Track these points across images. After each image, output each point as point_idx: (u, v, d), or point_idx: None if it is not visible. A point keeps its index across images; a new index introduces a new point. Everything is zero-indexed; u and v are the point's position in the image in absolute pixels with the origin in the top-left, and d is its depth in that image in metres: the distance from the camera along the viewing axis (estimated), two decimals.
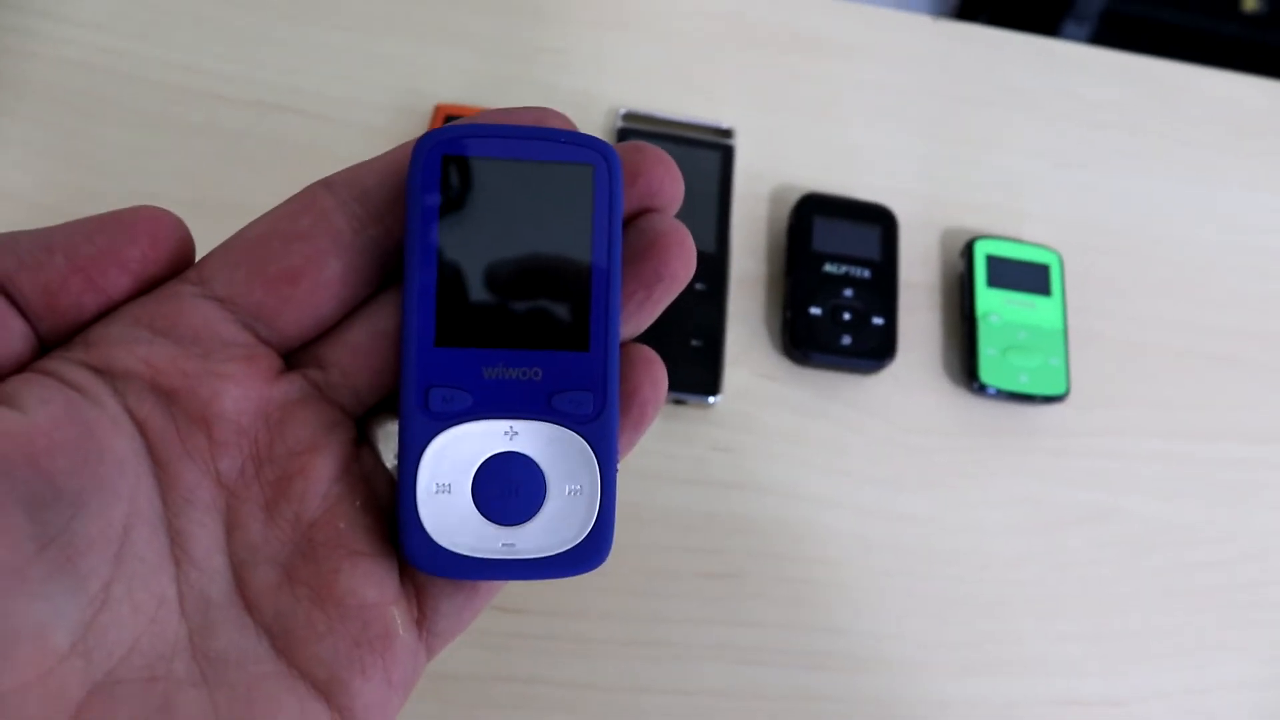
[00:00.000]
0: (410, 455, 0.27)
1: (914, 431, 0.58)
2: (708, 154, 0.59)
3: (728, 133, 0.61)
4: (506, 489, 0.29)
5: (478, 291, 0.29)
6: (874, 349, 0.57)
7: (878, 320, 0.57)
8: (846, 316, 0.57)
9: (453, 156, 0.28)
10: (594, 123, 0.61)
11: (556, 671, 0.51)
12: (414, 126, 0.58)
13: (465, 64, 0.61)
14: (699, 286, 0.56)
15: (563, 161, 0.29)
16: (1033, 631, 0.55)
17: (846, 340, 0.56)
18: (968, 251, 0.60)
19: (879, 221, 0.59)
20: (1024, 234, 0.63)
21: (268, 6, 0.60)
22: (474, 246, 0.29)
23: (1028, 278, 0.60)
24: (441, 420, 0.28)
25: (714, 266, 0.57)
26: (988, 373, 0.57)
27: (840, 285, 0.57)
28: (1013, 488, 0.58)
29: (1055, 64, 0.69)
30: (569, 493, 0.30)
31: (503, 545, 0.29)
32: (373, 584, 0.25)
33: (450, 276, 0.28)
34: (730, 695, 0.52)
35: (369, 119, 0.59)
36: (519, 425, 0.29)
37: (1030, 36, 0.70)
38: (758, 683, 0.52)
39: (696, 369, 0.55)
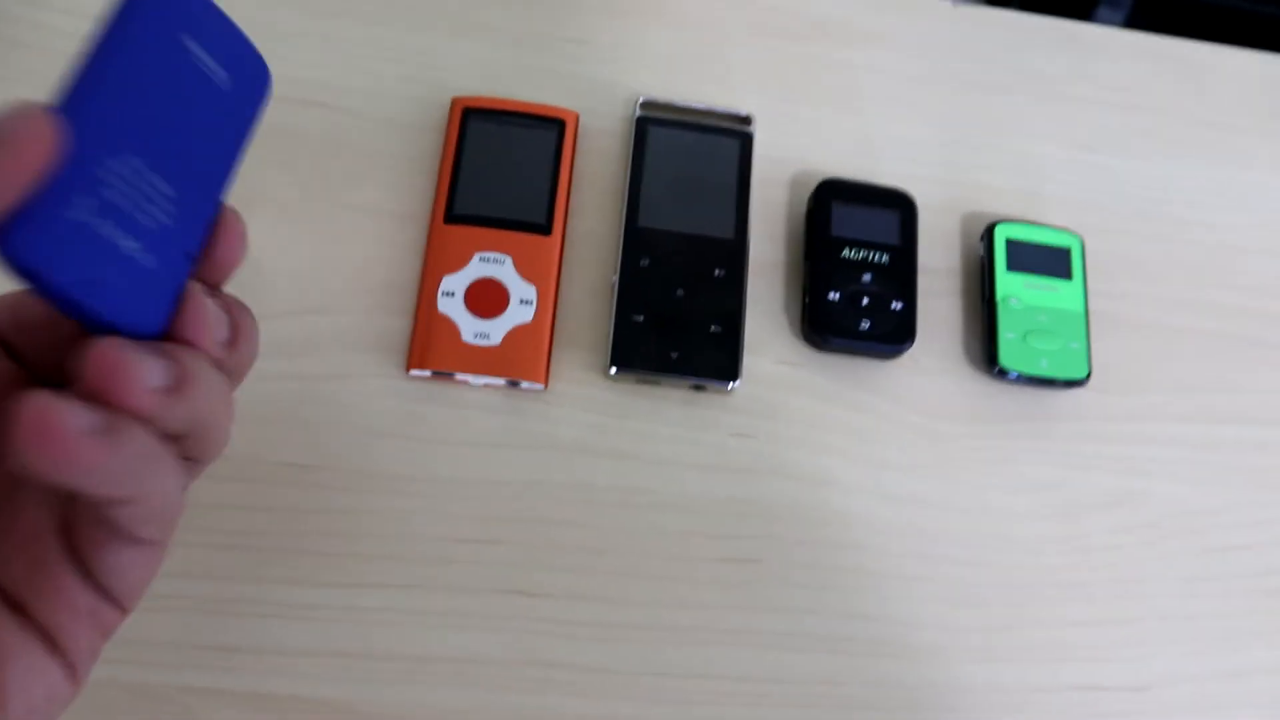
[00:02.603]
0: None
1: (934, 416, 0.58)
2: (727, 141, 0.60)
3: (747, 119, 0.61)
4: None
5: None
6: (892, 333, 0.57)
7: (896, 305, 0.57)
8: (865, 301, 0.57)
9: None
10: (613, 112, 0.61)
11: (578, 656, 0.51)
12: (433, 118, 0.59)
13: (486, 55, 0.61)
14: (718, 273, 0.57)
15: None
16: (1055, 617, 0.55)
17: (865, 325, 0.56)
18: (988, 235, 0.60)
19: (898, 206, 0.59)
20: (1045, 218, 0.63)
21: (290, 2, 0.61)
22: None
23: (1048, 261, 0.60)
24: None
25: (733, 253, 0.57)
26: (1008, 357, 0.57)
27: (859, 270, 0.57)
28: (1034, 472, 0.58)
29: (1076, 47, 0.69)
30: None
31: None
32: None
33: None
34: (751, 680, 0.52)
35: (390, 112, 0.59)
36: None
37: (1051, 19, 0.69)
38: (779, 667, 0.53)
39: (716, 355, 0.55)
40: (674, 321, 0.55)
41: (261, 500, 0.52)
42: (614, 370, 0.54)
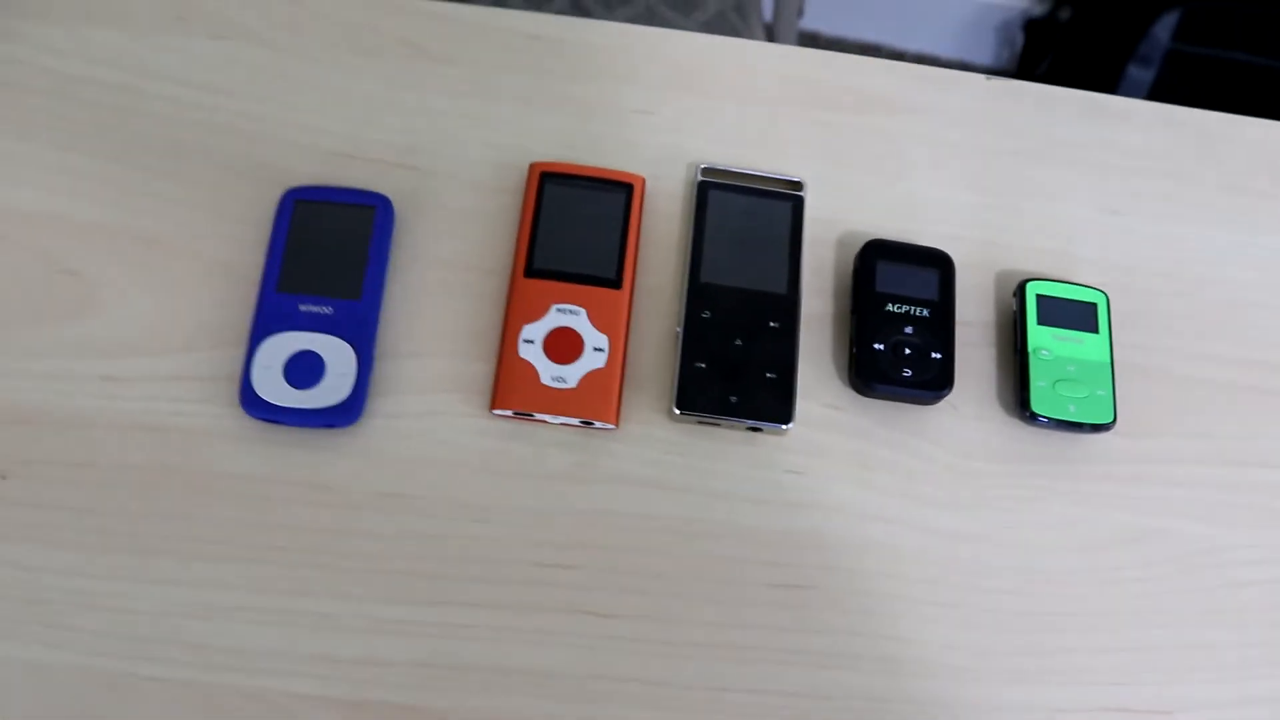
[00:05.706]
0: (251, 347, 0.57)
1: (970, 457, 0.63)
2: (781, 204, 0.65)
3: (799, 185, 0.67)
4: (302, 369, 0.57)
5: (300, 265, 0.59)
6: (932, 381, 0.62)
7: (936, 355, 0.62)
8: (907, 352, 0.62)
9: (299, 200, 0.61)
10: (677, 175, 0.67)
11: (644, 671, 0.56)
12: (513, 181, 0.65)
13: (562, 124, 0.67)
14: (773, 324, 0.62)
15: (355, 204, 0.61)
16: (1081, 644, 0.59)
17: (907, 373, 0.61)
18: (1020, 292, 0.65)
19: (937, 265, 0.65)
20: (1074, 276, 0.67)
21: (389, 76, 0.67)
22: (301, 242, 0.60)
23: (1076, 316, 0.64)
24: (272, 330, 0.57)
25: (787, 307, 0.63)
26: (1038, 403, 0.62)
27: (901, 323, 0.63)
28: (1062, 510, 0.62)
29: (1102, 117, 0.73)
30: (339, 375, 0.57)
31: (294, 399, 0.57)
32: None
33: (289, 256, 0.59)
34: (802, 696, 0.57)
35: (474, 175, 0.65)
36: (316, 336, 0.58)
37: (1079, 92, 0.74)
38: (828, 684, 0.57)
39: (771, 399, 0.60)
40: (733, 368, 0.61)
41: (359, 526, 0.57)
42: (678, 412, 0.60)
